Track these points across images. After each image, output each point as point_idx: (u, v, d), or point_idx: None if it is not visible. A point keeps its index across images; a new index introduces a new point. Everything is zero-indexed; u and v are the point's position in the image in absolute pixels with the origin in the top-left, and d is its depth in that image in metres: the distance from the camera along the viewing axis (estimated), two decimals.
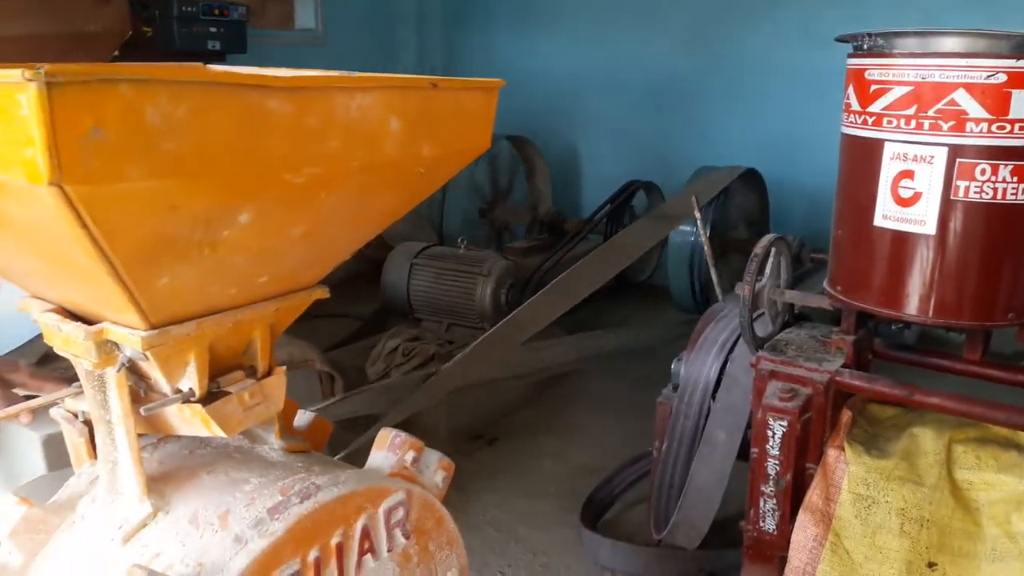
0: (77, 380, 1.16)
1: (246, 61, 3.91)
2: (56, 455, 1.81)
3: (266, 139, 0.79)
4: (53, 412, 1.13)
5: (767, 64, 4.23)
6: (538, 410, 3.14)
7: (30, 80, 0.61)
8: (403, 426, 1.24)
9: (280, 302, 1.04)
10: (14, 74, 0.61)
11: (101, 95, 0.65)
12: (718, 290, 2.53)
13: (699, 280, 3.72)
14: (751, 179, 3.85)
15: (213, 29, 3.65)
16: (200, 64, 1.34)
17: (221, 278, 0.92)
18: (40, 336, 1.99)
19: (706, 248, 2.57)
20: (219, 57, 3.82)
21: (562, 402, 3.21)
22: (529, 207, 4.72)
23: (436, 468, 1.18)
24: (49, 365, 1.93)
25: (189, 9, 3.52)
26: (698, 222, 2.68)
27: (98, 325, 0.91)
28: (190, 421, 1.00)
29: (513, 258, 3.76)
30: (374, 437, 2.17)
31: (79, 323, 0.93)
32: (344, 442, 2.20)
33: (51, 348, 2.02)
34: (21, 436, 1.90)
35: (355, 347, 3.45)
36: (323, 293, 1.10)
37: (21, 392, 1.16)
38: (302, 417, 1.27)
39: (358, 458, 1.29)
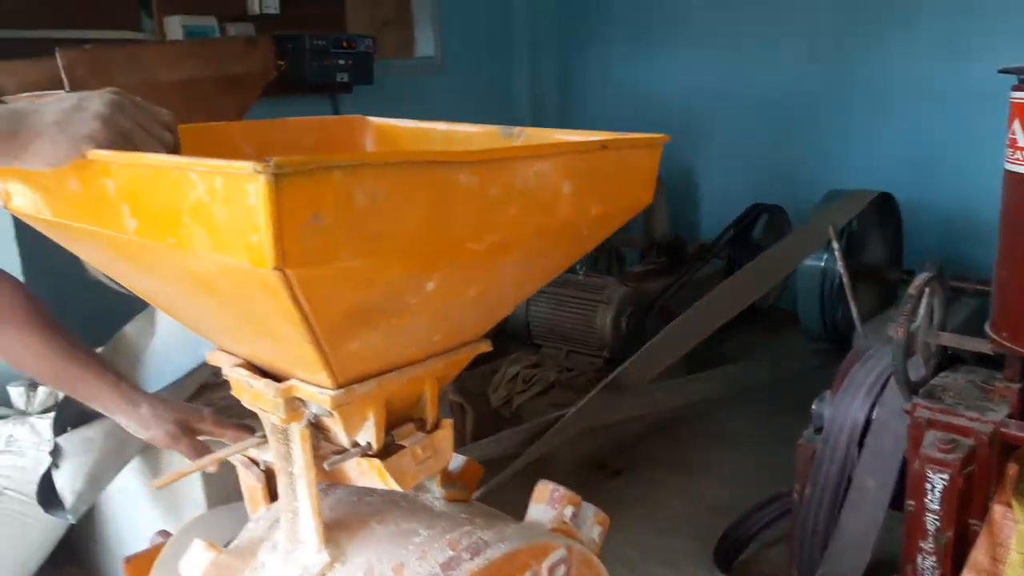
0: (251, 425, 1.23)
1: (371, 91, 4.05)
2: (214, 488, 1.90)
3: (455, 211, 0.81)
4: (211, 456, 1.19)
5: (898, 82, 4.04)
6: (661, 442, 3.09)
7: (259, 172, 0.64)
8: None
9: (449, 357, 1.06)
10: (244, 166, 0.65)
11: (320, 183, 0.68)
12: (858, 323, 2.44)
13: (831, 308, 3.58)
14: (883, 203, 3.69)
15: (342, 62, 3.80)
16: (361, 116, 1.39)
17: (403, 339, 0.94)
18: (197, 369, 2.09)
19: (845, 280, 2.48)
20: (346, 88, 3.97)
21: (686, 434, 3.15)
22: (644, 230, 4.66)
23: (592, 523, 1.18)
24: (203, 396, 2.04)
25: (320, 43, 3.68)
26: (835, 251, 2.59)
27: (287, 383, 0.96)
28: (367, 474, 1.03)
29: (632, 284, 3.73)
30: (505, 479, 2.17)
31: (268, 380, 0.97)
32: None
33: (207, 380, 2.11)
34: (181, 464, 2.01)
35: (476, 372, 3.49)
36: (487, 347, 1.12)
37: (204, 438, 1.23)
38: (455, 460, 1.29)
39: (489, 499, 1.30)
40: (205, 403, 1.84)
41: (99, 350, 2.10)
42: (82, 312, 2.04)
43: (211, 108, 2.19)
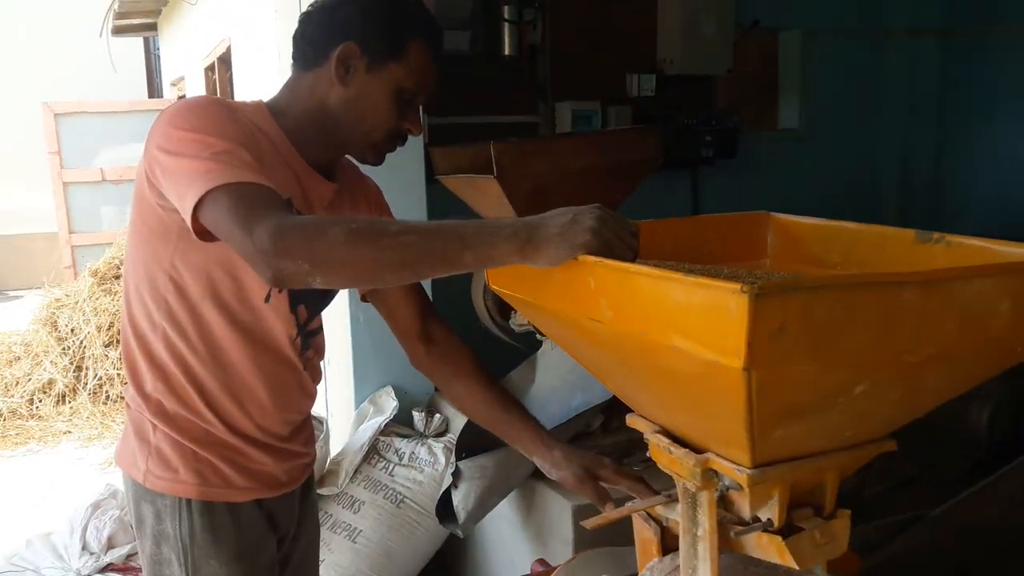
0: (642, 477, 1.38)
1: (732, 164, 4.17)
2: (582, 528, 2.11)
3: (898, 326, 0.88)
4: (628, 506, 1.35)
5: None
6: None
7: (743, 292, 0.78)
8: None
9: (855, 451, 1.11)
10: (733, 287, 0.79)
11: (788, 302, 0.80)
12: None
13: None
14: None
15: (708, 138, 3.97)
16: (765, 213, 1.51)
17: (820, 432, 1.03)
18: (572, 419, 2.33)
19: None
20: (709, 163, 4.13)
21: None
22: None
23: None
24: (577, 443, 2.27)
25: (690, 122, 3.90)
26: None
27: (706, 455, 1.08)
28: (764, 548, 1.12)
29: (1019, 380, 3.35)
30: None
31: (688, 451, 1.11)
32: None
33: (581, 430, 2.34)
34: (553, 501, 2.25)
35: None
36: (892, 445, 1.15)
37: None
38: None
39: None
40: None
41: None
42: None
43: (605, 190, 2.46)
